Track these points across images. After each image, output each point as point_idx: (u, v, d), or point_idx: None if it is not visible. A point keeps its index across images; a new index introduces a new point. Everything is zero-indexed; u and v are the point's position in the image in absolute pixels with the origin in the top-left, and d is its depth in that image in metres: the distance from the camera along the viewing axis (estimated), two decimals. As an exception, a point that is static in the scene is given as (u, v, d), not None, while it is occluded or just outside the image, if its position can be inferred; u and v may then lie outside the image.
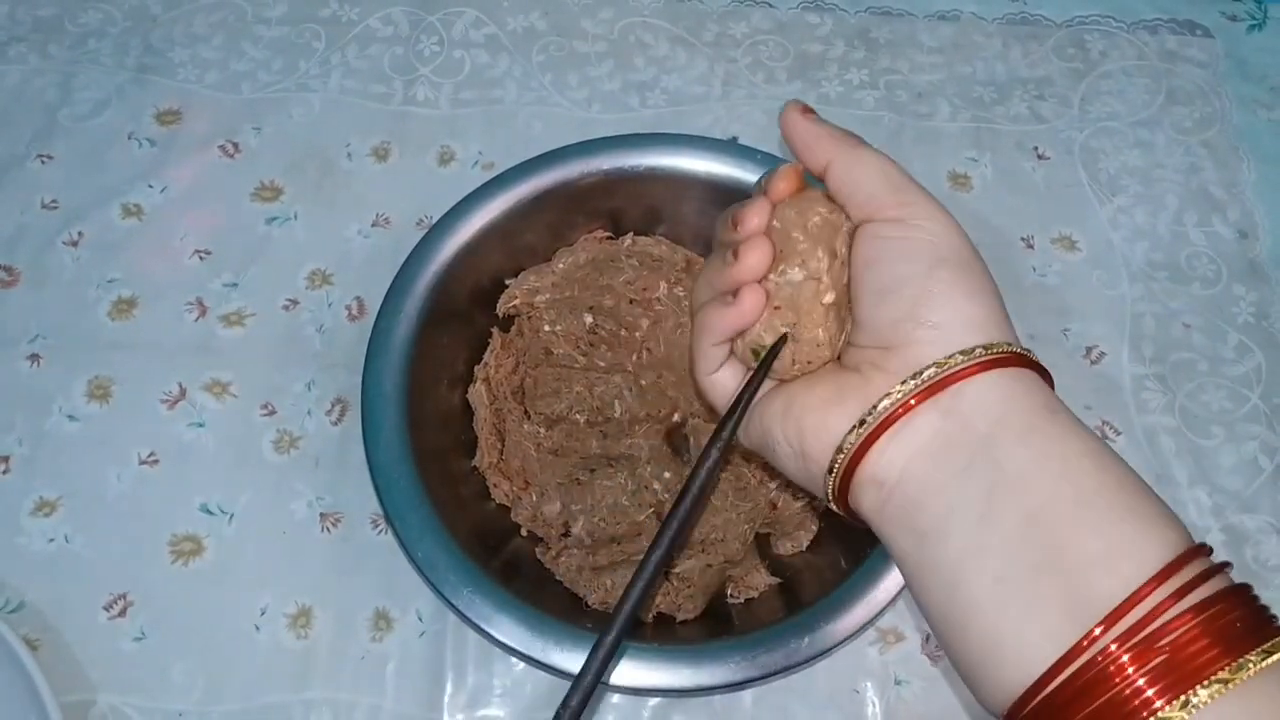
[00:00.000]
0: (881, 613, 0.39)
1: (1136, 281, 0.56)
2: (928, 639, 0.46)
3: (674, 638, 0.43)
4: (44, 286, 0.53)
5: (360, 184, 0.56)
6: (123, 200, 0.55)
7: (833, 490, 0.29)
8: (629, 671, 0.38)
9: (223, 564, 0.46)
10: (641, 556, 0.44)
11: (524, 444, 0.47)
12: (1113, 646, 0.23)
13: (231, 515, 0.47)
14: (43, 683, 0.39)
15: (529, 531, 0.47)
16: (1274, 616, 0.24)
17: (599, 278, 0.50)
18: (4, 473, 0.48)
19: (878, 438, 0.27)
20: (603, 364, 0.48)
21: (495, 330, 0.50)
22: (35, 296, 0.52)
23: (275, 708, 0.43)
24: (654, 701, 0.44)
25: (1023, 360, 0.28)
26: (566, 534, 0.46)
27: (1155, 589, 0.23)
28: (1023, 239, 0.57)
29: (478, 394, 0.49)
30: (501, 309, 0.50)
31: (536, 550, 0.46)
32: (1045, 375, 0.28)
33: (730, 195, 0.49)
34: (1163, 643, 0.23)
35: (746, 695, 0.44)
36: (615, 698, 0.44)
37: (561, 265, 0.51)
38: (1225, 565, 0.24)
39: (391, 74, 0.60)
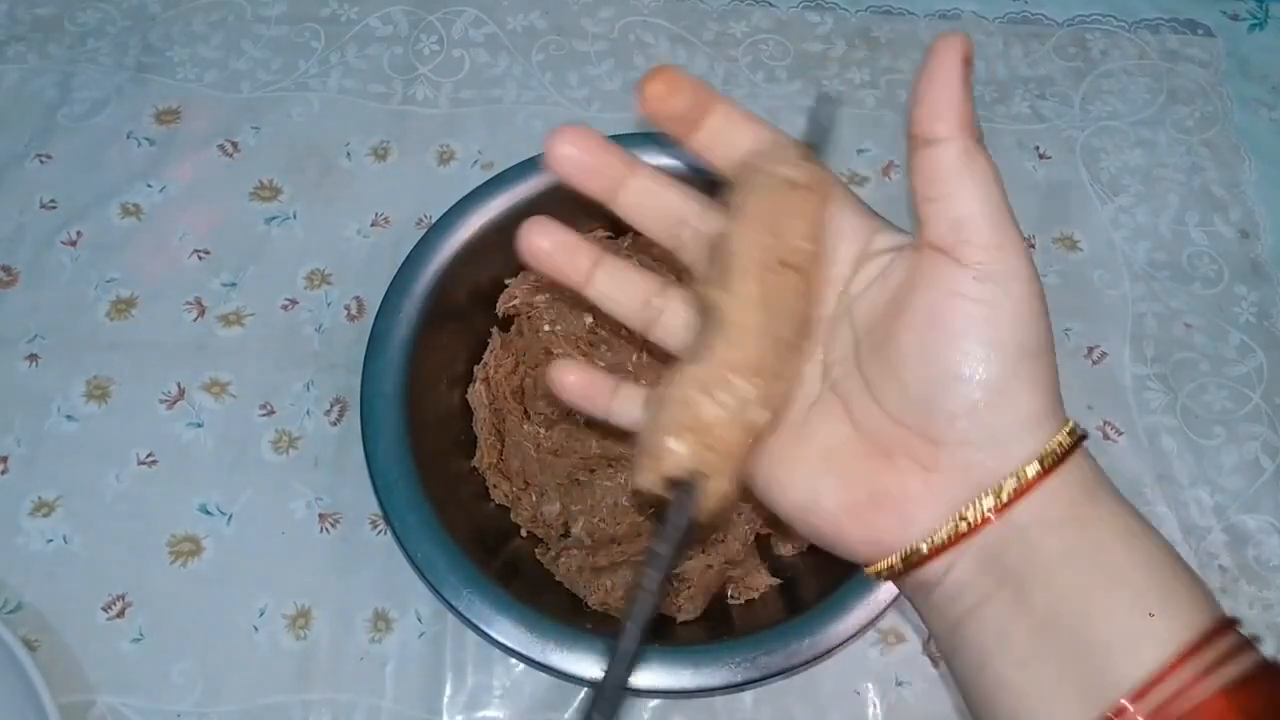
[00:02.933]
0: (882, 614, 0.39)
1: (1138, 281, 0.55)
2: (929, 640, 0.46)
3: (674, 639, 0.43)
4: (42, 286, 0.52)
5: (359, 183, 0.56)
6: (121, 200, 0.55)
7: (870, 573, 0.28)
8: (629, 673, 0.38)
9: (221, 564, 0.46)
10: (641, 558, 0.45)
11: (524, 444, 0.47)
12: None
13: (230, 516, 0.47)
14: (41, 684, 0.39)
15: (529, 532, 0.47)
16: None
17: (599, 277, 0.50)
18: (2, 473, 0.48)
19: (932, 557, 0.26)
20: (602, 364, 0.48)
21: (495, 330, 0.50)
22: (34, 296, 0.52)
23: (274, 708, 0.43)
24: (654, 703, 0.44)
25: (1074, 444, 0.26)
26: (566, 534, 0.46)
27: (1178, 670, 0.23)
28: (1024, 238, 0.56)
29: (477, 394, 0.48)
30: (501, 309, 0.50)
31: (536, 551, 0.46)
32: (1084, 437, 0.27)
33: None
34: None
35: (747, 696, 0.44)
36: (615, 699, 0.44)
37: (561, 265, 0.51)
38: (1254, 640, 0.24)
39: (391, 73, 0.60)
